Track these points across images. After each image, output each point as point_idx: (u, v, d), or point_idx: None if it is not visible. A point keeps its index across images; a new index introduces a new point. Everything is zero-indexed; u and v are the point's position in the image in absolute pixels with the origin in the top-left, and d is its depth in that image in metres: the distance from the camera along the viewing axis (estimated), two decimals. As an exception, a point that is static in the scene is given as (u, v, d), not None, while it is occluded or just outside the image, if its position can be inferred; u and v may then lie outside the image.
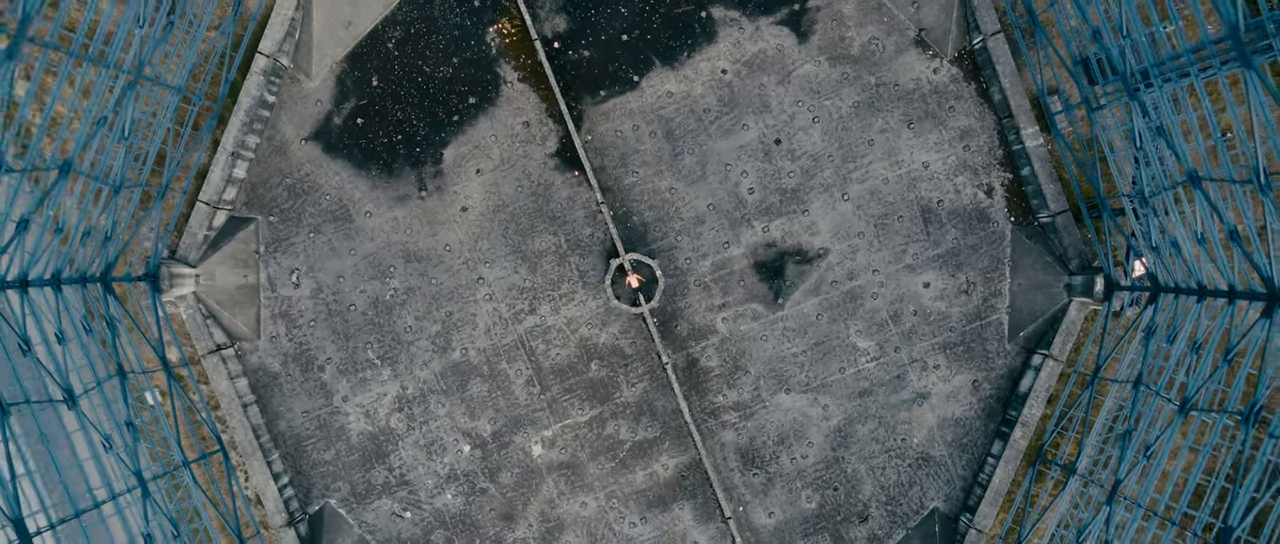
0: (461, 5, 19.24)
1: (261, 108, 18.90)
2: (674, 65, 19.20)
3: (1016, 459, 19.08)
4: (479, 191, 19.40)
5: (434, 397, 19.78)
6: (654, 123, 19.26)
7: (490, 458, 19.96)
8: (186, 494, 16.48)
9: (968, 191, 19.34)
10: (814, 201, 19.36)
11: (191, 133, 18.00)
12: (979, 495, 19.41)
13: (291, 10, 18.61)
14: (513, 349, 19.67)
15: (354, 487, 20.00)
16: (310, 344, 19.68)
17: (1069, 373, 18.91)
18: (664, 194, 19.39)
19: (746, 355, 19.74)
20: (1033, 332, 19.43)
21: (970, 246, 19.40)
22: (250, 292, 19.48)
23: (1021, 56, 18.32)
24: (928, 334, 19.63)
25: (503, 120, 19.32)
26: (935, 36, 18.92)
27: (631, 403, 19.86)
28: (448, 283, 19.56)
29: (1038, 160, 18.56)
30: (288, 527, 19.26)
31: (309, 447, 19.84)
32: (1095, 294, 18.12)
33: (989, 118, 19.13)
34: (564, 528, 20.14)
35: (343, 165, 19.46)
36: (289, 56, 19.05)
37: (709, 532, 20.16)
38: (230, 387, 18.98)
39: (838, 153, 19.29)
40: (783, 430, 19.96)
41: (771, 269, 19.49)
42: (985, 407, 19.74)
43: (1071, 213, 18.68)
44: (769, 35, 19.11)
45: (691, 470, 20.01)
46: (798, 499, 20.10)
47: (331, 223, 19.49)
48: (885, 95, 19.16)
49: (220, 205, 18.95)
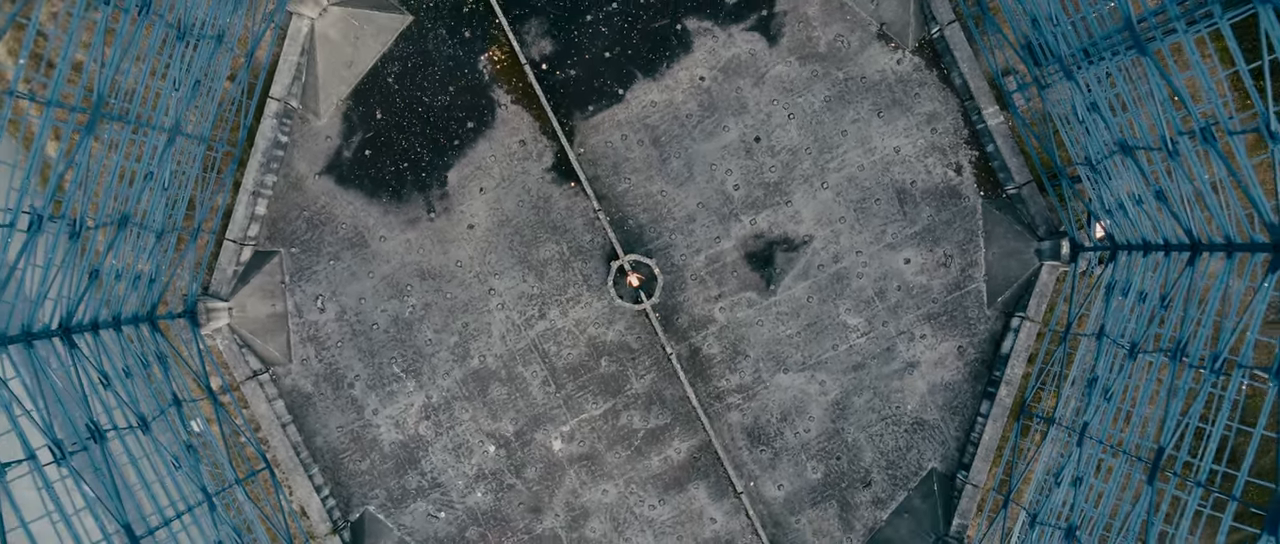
0: (453, 37, 20.66)
1: (276, 148, 20.35)
2: (655, 76, 20.59)
3: (1003, 416, 20.46)
4: (483, 209, 20.82)
5: (458, 403, 21.21)
6: (641, 131, 20.66)
7: (514, 456, 21.39)
8: (239, 510, 17.94)
9: (938, 171, 20.70)
10: (796, 192, 20.74)
11: (216, 177, 19.46)
12: (972, 453, 20.78)
13: (297, 56, 20.04)
14: (527, 353, 21.10)
15: (390, 493, 21.46)
16: (339, 363, 21.13)
17: (1045, 332, 20.28)
18: (656, 197, 20.78)
19: (745, 341, 21.14)
20: (1009, 296, 20.79)
21: (945, 222, 20.76)
22: (279, 319, 20.93)
23: (976, 43, 19.68)
24: (912, 307, 21.00)
25: (500, 141, 20.73)
26: (896, 29, 20.28)
27: (641, 394, 21.27)
28: (462, 296, 20.99)
29: (1000, 137, 19.91)
30: (332, 534, 20.73)
31: (345, 459, 21.30)
32: (1062, 257, 19.49)
33: (952, 101, 20.49)
34: (588, 515, 21.57)
35: (355, 195, 20.89)
36: (298, 98, 20.48)
37: (724, 507, 21.57)
38: (269, 409, 20.46)
39: (814, 145, 20.66)
40: (784, 408, 21.35)
41: (761, 258, 20.88)
42: (971, 370, 21.11)
43: (1035, 183, 20.04)
44: (741, 41, 20.49)
45: (702, 452, 21.41)
46: (804, 471, 21.49)
47: (349, 249, 20.93)
48: (854, 88, 20.52)
49: (246, 242, 20.41)
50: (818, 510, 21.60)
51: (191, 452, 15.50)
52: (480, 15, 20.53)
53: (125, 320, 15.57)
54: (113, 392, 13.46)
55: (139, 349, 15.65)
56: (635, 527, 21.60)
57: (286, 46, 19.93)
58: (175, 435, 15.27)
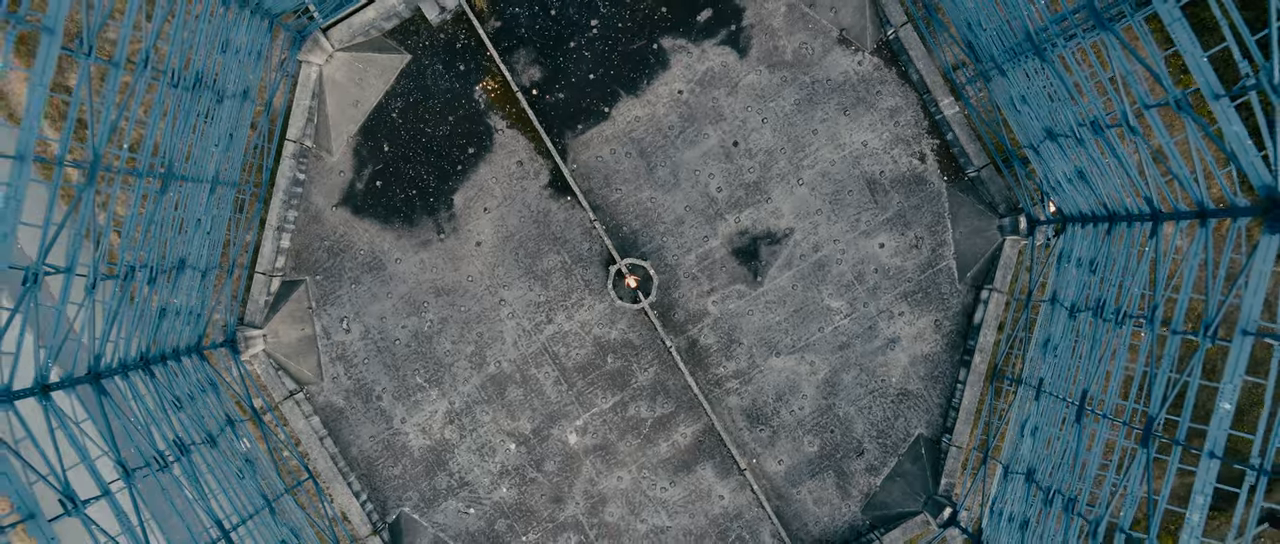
0: (449, 72, 22.47)
1: (295, 185, 22.19)
2: (637, 93, 22.37)
3: (979, 381, 22.23)
4: (489, 227, 22.64)
5: (478, 407, 23.05)
6: (628, 145, 22.45)
7: (534, 451, 23.22)
8: (287, 517, 19.79)
9: (904, 160, 22.46)
10: (774, 190, 22.52)
11: (245, 217, 21.31)
12: (953, 417, 22.56)
13: (308, 100, 21.88)
14: (538, 355, 22.92)
15: (422, 494, 23.30)
16: (366, 378, 22.98)
17: (1011, 301, 22.04)
18: (646, 204, 22.58)
19: (738, 330, 22.93)
20: (978, 271, 22.55)
21: (913, 207, 22.53)
22: (309, 342, 22.78)
23: (927, 42, 21.42)
24: (889, 287, 22.78)
25: (500, 163, 22.54)
26: (855, 34, 22.04)
27: (647, 385, 23.07)
28: (475, 308, 22.81)
29: (956, 125, 21.67)
30: (373, 535, 22.59)
31: (379, 465, 23.16)
32: (1021, 231, 21.24)
33: (911, 95, 22.24)
34: (606, 501, 23.40)
35: (370, 223, 22.72)
36: (311, 139, 22.32)
37: (730, 484, 23.37)
38: (307, 424, 22.32)
39: (788, 145, 22.43)
40: (779, 389, 23.14)
41: (747, 253, 22.67)
42: (948, 341, 22.88)
43: (992, 166, 21.79)
44: (713, 55, 22.26)
45: (706, 435, 23.21)
46: (801, 445, 23.28)
47: (368, 273, 22.76)
48: (820, 90, 22.29)
49: (274, 273, 22.26)
50: (817, 481, 23.38)
51: (249, 464, 17.35)
52: (472, 49, 22.32)
53: (182, 353, 17.43)
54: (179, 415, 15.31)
55: (194, 377, 17.49)
56: (650, 508, 23.42)
57: (298, 92, 21.76)
58: (235, 450, 17.13)
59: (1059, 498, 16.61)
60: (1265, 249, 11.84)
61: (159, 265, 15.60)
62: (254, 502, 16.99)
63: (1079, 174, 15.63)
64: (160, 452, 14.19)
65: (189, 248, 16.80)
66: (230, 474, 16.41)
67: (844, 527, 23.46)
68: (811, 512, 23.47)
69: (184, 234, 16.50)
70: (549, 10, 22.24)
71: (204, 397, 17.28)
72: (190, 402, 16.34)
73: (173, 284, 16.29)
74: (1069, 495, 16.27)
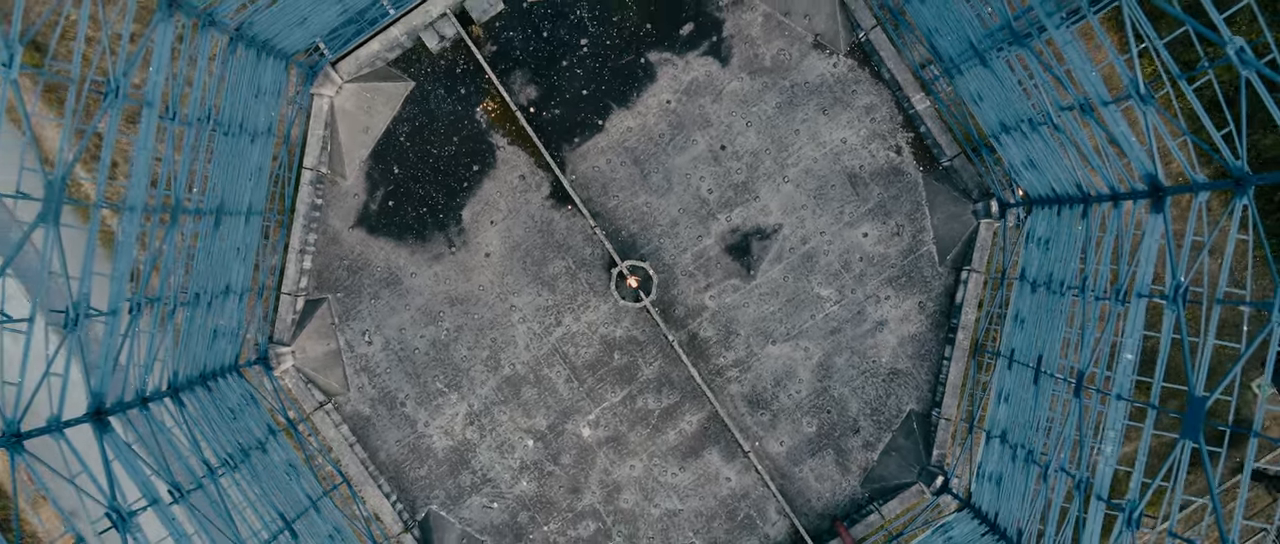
0: (451, 96, 23.99)
1: (314, 210, 23.73)
2: (628, 105, 23.88)
3: (963, 356, 23.72)
4: (496, 239, 24.17)
5: (496, 407, 24.59)
6: (622, 154, 23.95)
7: (550, 446, 24.76)
8: (329, 517, 21.36)
9: (881, 154, 23.94)
10: (761, 188, 24.01)
11: (271, 243, 22.86)
12: (941, 392, 24.06)
13: (322, 129, 23.42)
14: (550, 356, 24.45)
15: (448, 492, 24.86)
16: (390, 387, 24.53)
17: (988, 279, 23.53)
18: (642, 208, 24.09)
19: (735, 321, 24.44)
20: (956, 253, 24.03)
21: (893, 197, 24.01)
22: (335, 356, 24.34)
23: (896, 43, 22.90)
24: (875, 274, 24.27)
25: (503, 178, 24.06)
26: (828, 38, 23.51)
27: (652, 378, 24.59)
28: (487, 315, 24.35)
29: (928, 119, 23.14)
30: (405, 533, 24.16)
31: (406, 467, 24.72)
32: (993, 214, 22.73)
33: (885, 93, 23.72)
34: (620, 489, 24.93)
35: (385, 241, 24.26)
36: (326, 165, 23.86)
37: (735, 467, 24.89)
38: (337, 433, 23.88)
39: (772, 146, 23.92)
40: (777, 375, 24.65)
41: (739, 249, 24.17)
42: (932, 321, 24.37)
43: (964, 155, 23.27)
44: (697, 66, 23.76)
45: (711, 422, 24.73)
46: (800, 427, 24.79)
47: (386, 288, 24.30)
48: (800, 92, 23.77)
49: (298, 293, 23.81)
50: (817, 459, 24.90)
51: (293, 468, 18.93)
52: (471, 73, 23.84)
53: (222, 372, 19.03)
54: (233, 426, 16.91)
55: (237, 393, 19.07)
56: (662, 493, 24.95)
57: (312, 123, 23.30)
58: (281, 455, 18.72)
59: (1021, 451, 18.36)
60: (1152, 228, 13.75)
61: (213, 292, 17.17)
62: (301, 502, 18.58)
63: (1030, 162, 17.13)
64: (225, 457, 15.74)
65: (231, 275, 18.37)
66: (280, 477, 17.99)
67: (845, 500, 24.98)
68: (814, 488, 24.98)
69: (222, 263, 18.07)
70: (541, 32, 23.74)
71: (245, 410, 18.84)
72: (240, 413, 17.92)
73: (221, 309, 17.87)
74: (1029, 448, 18.00)
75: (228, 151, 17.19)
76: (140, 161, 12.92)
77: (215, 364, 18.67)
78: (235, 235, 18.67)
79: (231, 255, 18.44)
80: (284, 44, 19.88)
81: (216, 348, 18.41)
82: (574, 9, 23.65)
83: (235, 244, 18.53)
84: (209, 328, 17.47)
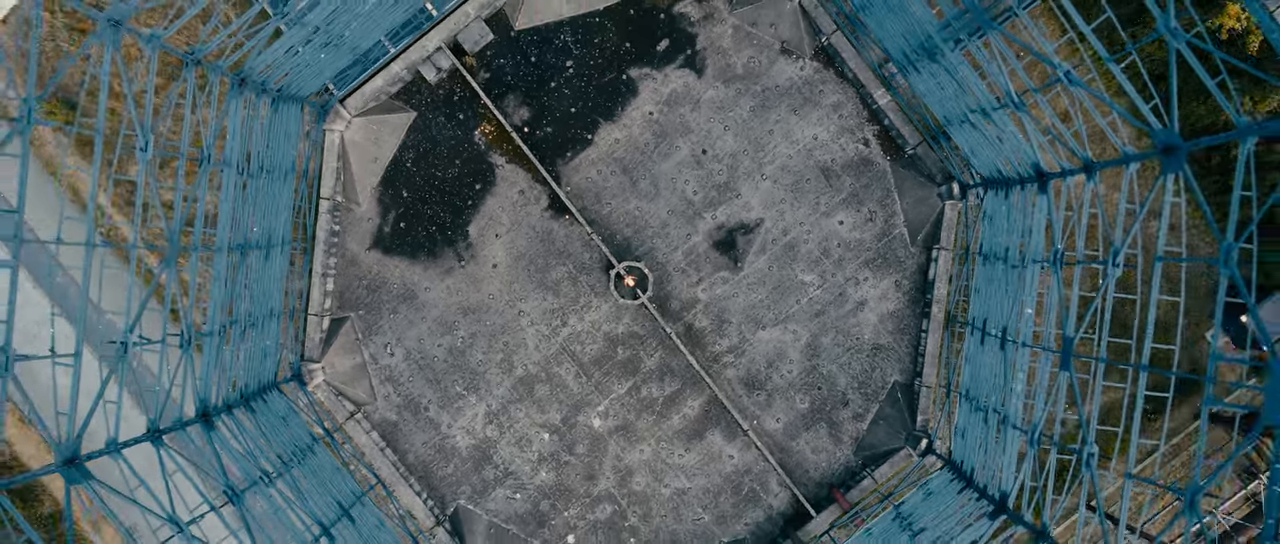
0: (451, 122, 26.01)
1: (333, 236, 25.79)
2: (614, 119, 25.88)
3: (938, 328, 25.71)
4: (502, 250, 26.20)
5: (512, 406, 26.65)
6: (612, 164, 25.96)
7: (565, 438, 26.82)
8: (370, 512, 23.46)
9: (851, 147, 25.92)
10: (742, 186, 26.01)
11: (297, 269, 24.93)
12: (921, 362, 26.05)
13: (335, 162, 25.46)
14: (558, 355, 26.49)
15: (474, 487, 26.94)
16: (413, 393, 26.60)
17: (956, 256, 25.50)
18: (633, 213, 26.10)
19: (727, 311, 26.45)
20: (926, 233, 26.01)
21: (864, 186, 25.99)
22: (360, 368, 26.41)
23: (855, 45, 24.86)
24: (852, 258, 26.25)
25: (504, 194, 26.09)
26: (794, 44, 25.48)
27: (655, 369, 26.62)
28: (498, 322, 26.39)
29: (891, 112, 25.11)
30: (437, 527, 26.25)
31: (434, 467, 26.79)
32: (956, 196, 24.69)
33: (850, 90, 25.68)
34: (632, 473, 26.98)
35: (399, 260, 26.31)
36: (341, 194, 25.90)
37: (737, 445, 26.92)
38: (368, 439, 25.97)
39: (749, 147, 25.91)
40: (769, 357, 26.66)
41: (726, 244, 26.18)
42: (908, 297, 26.36)
43: (926, 143, 25.23)
44: (675, 78, 25.75)
45: (711, 405, 26.76)
46: (794, 404, 26.81)
47: (404, 303, 26.35)
48: (771, 96, 25.75)
49: (324, 313, 25.87)
50: (811, 432, 26.91)
51: (336, 470, 21.07)
52: (468, 100, 25.85)
53: (265, 389, 21.16)
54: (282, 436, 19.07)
55: (280, 407, 21.20)
56: (670, 474, 27.00)
57: (326, 157, 25.34)
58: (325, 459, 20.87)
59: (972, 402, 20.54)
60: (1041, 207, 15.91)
61: (262, 316, 19.30)
62: (350, 494, 20.75)
63: (972, 149, 19.12)
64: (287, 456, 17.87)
65: (274, 300, 20.50)
66: (331, 473, 20.14)
67: (840, 469, 27.00)
68: (810, 459, 27.00)
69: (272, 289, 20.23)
70: (529, 58, 25.75)
71: (291, 420, 20.95)
72: (289, 421, 20.05)
73: (267, 330, 20.00)
74: (980, 401, 20.19)
75: (271, 192, 19.30)
76: (225, 212, 15.09)
77: (263, 381, 20.80)
78: (275, 265, 20.77)
79: (275, 283, 20.54)
80: (303, 90, 21.94)
81: (265, 366, 20.51)
82: (558, 34, 25.65)
83: (275, 272, 20.62)
84: (259, 348, 19.56)
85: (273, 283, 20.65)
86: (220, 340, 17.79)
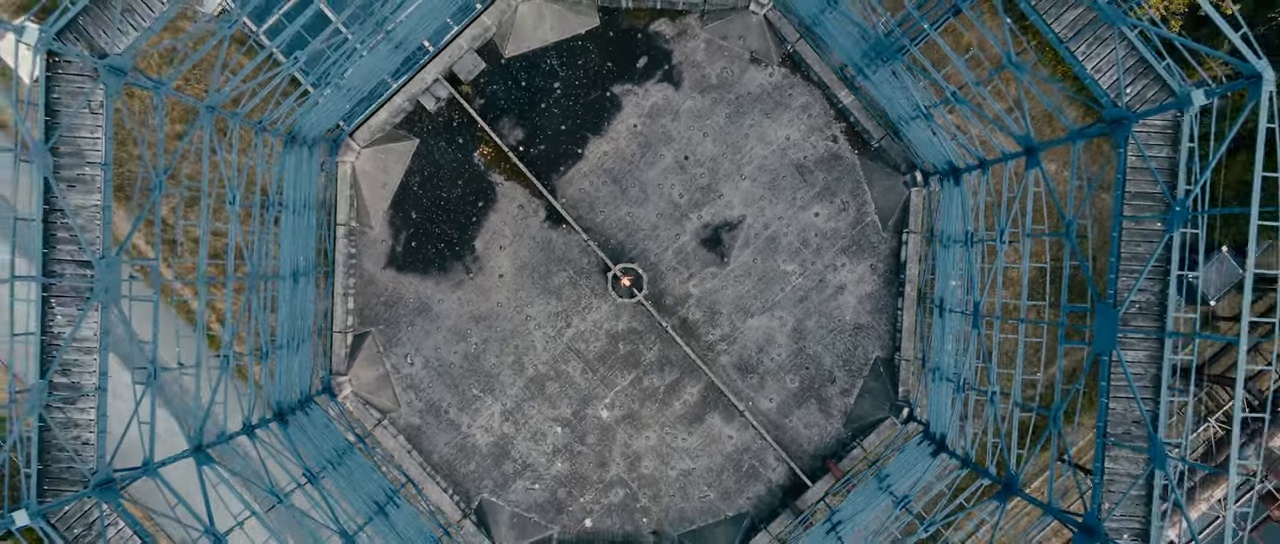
0: (451, 146, 28.23)
1: (350, 258, 28.03)
2: (602, 133, 28.07)
3: (912, 306, 27.89)
4: (506, 261, 28.43)
5: (526, 403, 28.89)
6: (602, 175, 28.17)
7: (576, 430, 29.06)
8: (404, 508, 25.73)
9: (821, 144, 28.10)
10: (723, 187, 28.20)
11: (320, 291, 27.19)
12: (899, 337, 28.24)
13: (348, 190, 27.70)
14: (565, 354, 28.72)
15: (495, 481, 29.19)
16: (433, 398, 28.85)
17: (923, 238, 27.67)
18: (625, 218, 28.31)
19: (717, 303, 28.66)
20: (896, 219, 28.19)
21: (835, 179, 28.17)
22: (383, 379, 28.67)
23: (818, 51, 27.03)
24: (829, 246, 28.44)
25: (505, 209, 28.30)
26: (762, 53, 27.65)
27: (655, 361, 28.84)
28: (507, 327, 28.62)
29: (856, 110, 27.28)
30: (464, 519, 28.53)
31: (457, 465, 29.06)
32: (919, 183, 26.87)
33: (816, 92, 27.85)
34: (641, 458, 29.22)
35: (413, 276, 28.55)
36: (355, 219, 28.15)
37: (735, 426, 29.14)
38: (395, 443, 28.24)
39: (728, 150, 28.10)
40: (759, 343, 28.86)
41: (712, 241, 28.38)
42: (884, 279, 28.54)
43: (888, 136, 27.40)
44: (655, 92, 27.94)
45: (709, 391, 28.98)
46: (785, 384, 29.02)
47: (419, 315, 28.59)
48: (745, 102, 27.92)
49: (346, 330, 28.13)
50: (803, 409, 29.13)
51: (371, 472, 23.40)
52: (465, 125, 28.07)
53: (304, 401, 23.49)
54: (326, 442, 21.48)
55: (320, 416, 23.51)
56: (676, 457, 29.23)
57: (340, 186, 27.58)
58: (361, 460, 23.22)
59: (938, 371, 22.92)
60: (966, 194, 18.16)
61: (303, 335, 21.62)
62: (383, 496, 23.08)
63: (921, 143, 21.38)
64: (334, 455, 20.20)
65: (307, 321, 22.82)
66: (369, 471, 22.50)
67: (831, 441, 29.22)
68: (804, 434, 29.22)
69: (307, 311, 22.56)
70: (520, 82, 27.96)
71: (329, 426, 23.27)
72: (326, 431, 22.39)
73: (302, 349, 22.31)
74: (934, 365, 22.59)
75: (304, 225, 21.60)
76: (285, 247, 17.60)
77: (304, 393, 23.12)
78: (308, 288, 23.07)
79: (309, 304, 22.84)
80: (319, 130, 24.22)
81: (303, 380, 22.84)
82: (545, 59, 27.86)
83: (309, 294, 22.91)
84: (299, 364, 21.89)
85: (308, 304, 22.91)
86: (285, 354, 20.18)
